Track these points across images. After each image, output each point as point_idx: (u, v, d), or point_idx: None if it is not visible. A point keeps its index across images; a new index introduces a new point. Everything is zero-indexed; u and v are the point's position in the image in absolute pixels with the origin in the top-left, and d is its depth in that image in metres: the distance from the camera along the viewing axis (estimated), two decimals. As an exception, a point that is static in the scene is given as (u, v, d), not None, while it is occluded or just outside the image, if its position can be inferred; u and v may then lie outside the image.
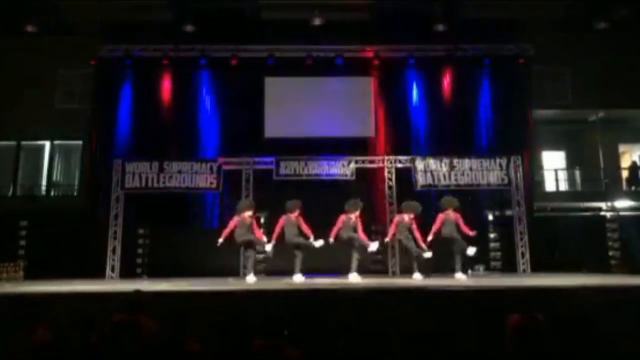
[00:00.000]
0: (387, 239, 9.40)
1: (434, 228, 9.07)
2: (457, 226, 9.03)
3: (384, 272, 10.80)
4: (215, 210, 12.06)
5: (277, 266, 9.65)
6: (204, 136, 12.41)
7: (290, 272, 8.72)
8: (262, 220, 11.00)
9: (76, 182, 13.53)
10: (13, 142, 13.61)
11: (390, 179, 11.41)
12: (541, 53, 12.54)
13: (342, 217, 8.85)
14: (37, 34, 12.56)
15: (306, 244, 8.69)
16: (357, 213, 8.91)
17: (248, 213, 8.73)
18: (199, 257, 10.78)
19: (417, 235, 8.99)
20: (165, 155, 11.47)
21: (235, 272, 10.47)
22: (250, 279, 8.54)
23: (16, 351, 3.45)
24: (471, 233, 9.00)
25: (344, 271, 8.93)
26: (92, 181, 12.06)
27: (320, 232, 9.13)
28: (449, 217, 9.05)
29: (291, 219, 8.77)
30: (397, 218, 9.30)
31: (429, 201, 10.60)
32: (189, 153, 12.01)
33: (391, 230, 9.32)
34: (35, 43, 12.97)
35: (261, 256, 10.80)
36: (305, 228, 8.79)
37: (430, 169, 11.10)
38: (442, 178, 11.04)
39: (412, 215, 9.05)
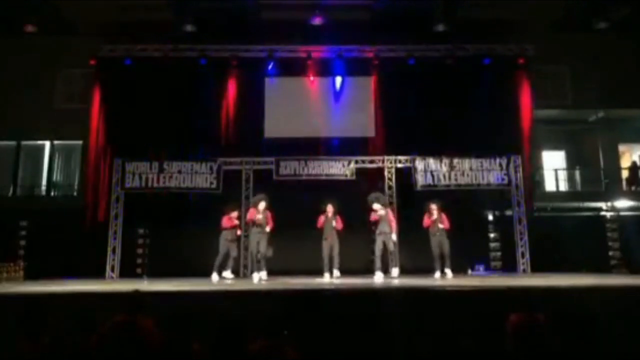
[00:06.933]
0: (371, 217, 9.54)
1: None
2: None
3: (383, 271, 10.77)
4: (215, 210, 12.05)
5: (277, 266, 9.64)
6: (204, 136, 12.36)
7: (290, 273, 9.18)
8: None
9: (76, 182, 13.53)
10: (13, 142, 13.61)
11: (390, 179, 11.41)
12: (541, 53, 12.51)
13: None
14: (37, 34, 12.53)
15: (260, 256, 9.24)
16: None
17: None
18: (199, 257, 10.77)
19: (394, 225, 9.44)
20: (165, 155, 11.46)
21: (235, 271, 10.46)
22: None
23: (16, 351, 3.45)
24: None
25: (346, 271, 9.05)
26: (92, 181, 12.05)
27: (318, 232, 9.32)
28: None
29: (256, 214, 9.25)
30: (381, 212, 9.39)
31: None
32: (189, 153, 11.99)
33: (373, 216, 9.44)
34: (35, 43, 12.98)
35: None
36: (269, 219, 9.23)
37: (430, 169, 11.12)
38: (442, 178, 11.06)
39: (383, 209, 9.36)
